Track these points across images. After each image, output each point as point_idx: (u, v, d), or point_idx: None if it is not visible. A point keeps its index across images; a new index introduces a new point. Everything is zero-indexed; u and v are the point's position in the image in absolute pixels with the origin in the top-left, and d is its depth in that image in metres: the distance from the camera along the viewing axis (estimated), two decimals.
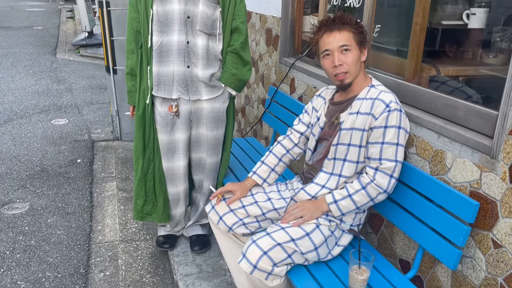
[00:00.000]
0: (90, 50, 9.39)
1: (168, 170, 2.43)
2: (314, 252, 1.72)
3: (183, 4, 2.13)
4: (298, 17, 3.01)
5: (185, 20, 2.15)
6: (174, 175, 2.43)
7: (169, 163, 2.41)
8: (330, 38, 1.75)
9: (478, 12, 1.94)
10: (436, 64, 1.98)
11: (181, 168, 2.43)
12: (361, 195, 1.73)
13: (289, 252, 1.68)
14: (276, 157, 2.06)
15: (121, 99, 4.29)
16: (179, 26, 2.16)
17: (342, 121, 1.80)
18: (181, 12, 2.14)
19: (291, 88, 2.99)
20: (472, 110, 1.61)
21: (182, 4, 2.13)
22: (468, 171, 1.58)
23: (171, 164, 2.41)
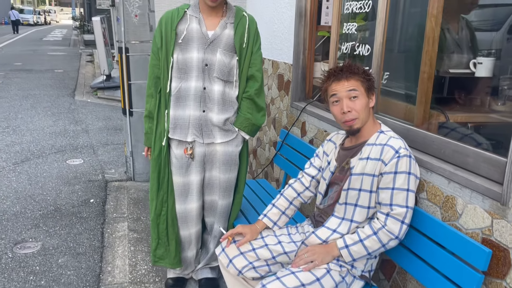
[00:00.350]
0: (107, 92, 9.68)
1: (181, 213, 2.45)
2: None
3: (202, 52, 2.23)
4: (309, 63, 3.11)
5: (203, 67, 2.24)
6: (187, 217, 2.45)
7: (182, 205, 2.43)
8: (338, 86, 1.81)
9: (484, 61, 2.00)
10: (445, 111, 2.02)
11: (194, 210, 2.45)
12: (373, 241, 1.72)
13: None
14: (287, 200, 2.07)
15: (136, 140, 4.38)
16: (197, 73, 2.25)
17: (352, 166, 1.83)
18: (199, 60, 2.24)
19: (302, 131, 3.04)
20: (481, 157, 1.62)
21: (201, 52, 2.23)
22: (480, 217, 1.58)
23: (185, 207, 2.43)
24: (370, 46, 2.37)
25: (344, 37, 2.64)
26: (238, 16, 2.28)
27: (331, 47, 2.76)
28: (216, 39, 2.24)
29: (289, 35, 3.16)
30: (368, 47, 2.40)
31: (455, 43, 2.15)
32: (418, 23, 2.12)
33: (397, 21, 2.36)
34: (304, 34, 3.05)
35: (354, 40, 2.56)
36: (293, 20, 3.08)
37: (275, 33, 3.41)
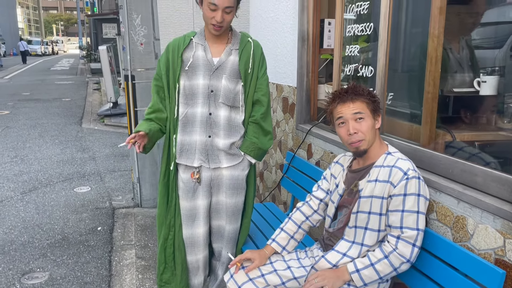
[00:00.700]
0: (114, 119, 9.77)
1: (188, 238, 2.44)
2: None
3: (208, 79, 2.26)
4: (313, 86, 3.12)
5: (209, 93, 2.26)
6: (194, 242, 2.44)
7: (189, 230, 2.42)
8: (343, 108, 1.81)
9: (488, 80, 2.00)
10: (451, 130, 2.01)
11: (201, 235, 2.43)
12: (384, 265, 1.69)
13: None
14: (295, 224, 2.05)
15: (143, 166, 4.39)
16: (203, 99, 2.27)
17: (361, 189, 1.81)
18: (205, 86, 2.26)
19: (308, 154, 3.03)
20: (490, 176, 1.61)
21: (207, 79, 2.26)
22: (491, 237, 1.55)
23: (192, 231, 2.42)
24: (373, 68, 2.39)
25: (347, 59, 2.66)
26: (243, 42, 2.30)
27: (334, 69, 2.78)
28: (221, 66, 2.26)
29: (292, 58, 3.19)
30: (371, 68, 2.41)
31: (458, 62, 2.16)
32: (420, 43, 2.14)
33: (399, 42, 2.38)
34: (307, 57, 3.08)
35: (357, 62, 2.58)
36: (295, 44, 3.11)
37: (279, 57, 3.45)
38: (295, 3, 3.09)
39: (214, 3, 2.09)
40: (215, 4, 2.09)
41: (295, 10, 3.11)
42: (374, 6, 2.35)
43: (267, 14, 3.65)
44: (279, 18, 3.41)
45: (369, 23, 2.40)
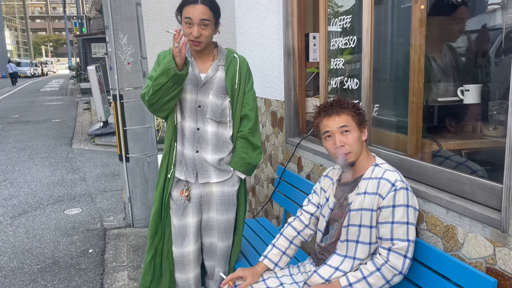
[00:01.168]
0: (104, 138, 9.72)
1: (178, 256, 2.41)
2: None
3: (195, 94, 2.26)
4: (300, 99, 3.14)
5: (196, 108, 2.27)
6: (184, 261, 2.41)
7: (179, 249, 2.39)
8: (329, 122, 1.81)
9: (472, 88, 2.02)
10: (437, 139, 2.02)
11: (192, 253, 2.40)
12: (376, 277, 1.68)
13: None
14: (287, 240, 2.04)
15: (134, 186, 4.36)
16: (190, 114, 2.27)
17: (350, 202, 1.81)
18: (192, 101, 2.26)
19: (299, 167, 3.03)
20: (477, 184, 1.61)
21: (194, 94, 2.26)
22: (482, 246, 1.55)
23: (182, 250, 2.39)
24: (358, 80, 2.40)
25: (333, 72, 2.68)
26: (229, 58, 2.31)
27: (321, 82, 2.80)
28: (208, 81, 2.26)
29: (279, 73, 3.21)
30: (356, 80, 2.43)
31: (442, 72, 2.19)
32: (403, 54, 2.16)
33: (382, 54, 2.40)
34: (293, 71, 3.10)
35: (342, 74, 2.60)
36: (282, 58, 3.13)
37: (266, 71, 3.46)
38: (279, 19, 3.12)
39: (188, 16, 2.11)
40: (189, 18, 2.11)
41: (279, 25, 3.13)
42: (357, 19, 2.38)
43: (253, 30, 3.68)
44: (264, 33, 3.44)
45: (353, 36, 2.43)
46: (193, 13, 2.10)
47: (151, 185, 4.40)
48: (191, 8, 2.11)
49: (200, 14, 2.10)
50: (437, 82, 2.17)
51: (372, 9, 2.16)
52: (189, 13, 2.11)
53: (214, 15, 2.16)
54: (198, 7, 2.10)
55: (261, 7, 3.45)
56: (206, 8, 2.12)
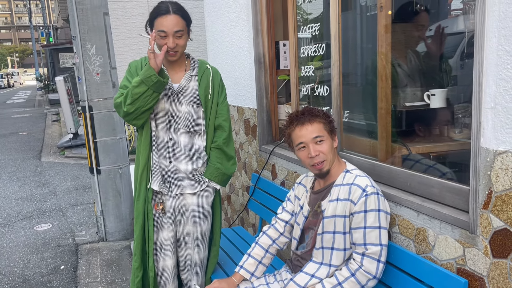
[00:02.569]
0: (75, 151, 9.51)
1: (157, 270, 2.37)
2: None
3: (168, 104, 2.23)
4: (272, 107, 3.15)
5: (169, 118, 2.24)
6: (164, 275, 2.37)
7: (157, 263, 2.36)
8: (302, 131, 1.81)
9: (437, 93, 2.07)
10: (406, 143, 2.06)
11: (170, 267, 2.37)
12: (351, 283, 1.69)
13: None
14: (262, 249, 2.03)
15: (106, 199, 4.26)
16: (163, 124, 2.24)
17: (323, 209, 1.82)
18: (165, 111, 2.23)
19: (273, 174, 3.03)
20: (445, 187, 1.65)
21: (167, 104, 2.23)
22: (452, 247, 1.58)
23: (160, 264, 2.36)
24: (329, 87, 2.43)
25: (304, 79, 2.71)
26: (201, 68, 2.30)
27: (292, 90, 2.82)
28: (181, 91, 2.24)
29: (251, 81, 3.22)
30: (326, 87, 2.46)
31: (408, 77, 2.24)
32: (371, 61, 2.20)
33: (351, 60, 2.44)
34: (265, 79, 3.11)
35: (313, 81, 2.62)
36: (253, 66, 3.14)
37: (238, 80, 3.47)
38: (249, 27, 3.14)
39: (162, 30, 2.09)
40: (164, 31, 2.09)
41: (249, 34, 3.15)
42: (325, 27, 2.41)
43: (223, 38, 3.68)
44: (235, 42, 3.45)
45: (321, 44, 2.46)
46: (166, 25, 2.08)
47: (124, 197, 4.33)
48: (164, 19, 2.08)
49: (173, 25, 2.08)
50: (404, 87, 2.22)
51: (339, 16, 2.19)
52: (162, 25, 2.08)
53: (187, 23, 2.16)
54: (170, 17, 2.08)
55: (230, 15, 3.46)
56: (178, 18, 2.10)
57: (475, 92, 1.40)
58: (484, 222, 1.43)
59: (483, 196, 1.43)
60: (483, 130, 1.40)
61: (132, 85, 2.08)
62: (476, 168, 1.44)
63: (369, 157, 2.15)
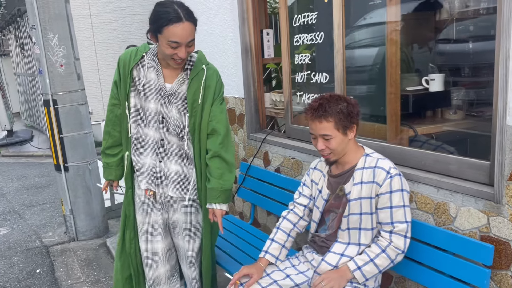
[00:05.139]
0: (12, 149, 8.89)
1: (146, 252, 2.35)
2: None
3: (159, 105, 2.12)
4: (259, 95, 3.19)
5: (160, 120, 2.15)
6: (153, 257, 2.33)
7: (147, 245, 2.34)
8: (312, 126, 1.87)
9: (436, 77, 2.24)
10: (412, 126, 2.21)
11: (160, 250, 2.33)
12: (383, 258, 1.80)
13: None
14: (284, 233, 2.08)
15: (75, 197, 4.07)
16: (154, 124, 2.16)
17: (347, 193, 1.90)
18: (157, 111, 2.14)
19: (265, 162, 3.08)
20: (465, 163, 1.81)
21: (158, 104, 2.13)
22: (475, 218, 1.74)
23: (149, 246, 2.33)
24: (328, 74, 2.52)
25: (299, 68, 2.77)
26: (196, 69, 2.10)
27: (284, 78, 2.87)
28: (173, 95, 2.11)
29: (236, 70, 3.22)
30: (325, 75, 2.54)
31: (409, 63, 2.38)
32: (378, 47, 2.31)
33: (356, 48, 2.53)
34: (252, 68, 3.13)
35: (308, 69, 2.69)
36: (238, 55, 3.15)
37: (221, 69, 3.42)
38: (233, 16, 3.13)
39: (175, 41, 1.90)
40: (177, 42, 1.90)
41: (234, 22, 3.14)
42: (323, 16, 2.48)
43: (201, 27, 3.61)
44: (215, 30, 3.42)
45: (319, 32, 2.53)
46: (180, 36, 1.89)
47: (94, 194, 4.16)
48: (177, 29, 1.87)
49: (187, 35, 1.91)
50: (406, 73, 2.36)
51: (343, 6, 2.27)
52: (175, 35, 1.89)
53: (196, 29, 1.99)
54: (184, 26, 1.88)
55: (209, 4, 3.42)
56: (191, 26, 1.93)
57: (501, 75, 1.55)
58: (510, 192, 1.60)
59: (508, 169, 1.60)
60: (509, 110, 1.56)
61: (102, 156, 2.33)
62: (502, 144, 1.60)
63: (376, 139, 2.27)
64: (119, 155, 2.34)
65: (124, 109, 2.18)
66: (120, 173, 2.39)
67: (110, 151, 2.34)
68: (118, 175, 2.40)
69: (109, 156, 2.35)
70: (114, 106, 2.25)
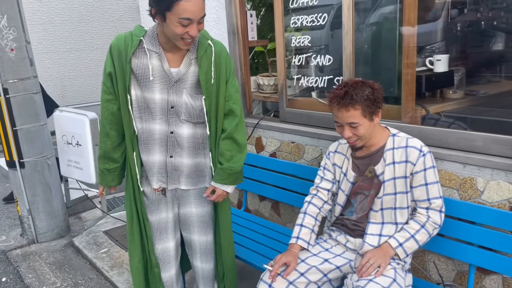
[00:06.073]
0: None
1: (160, 254, 2.21)
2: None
3: (166, 93, 1.96)
4: (246, 79, 3.10)
5: (169, 110, 1.98)
6: (168, 257, 2.22)
7: (160, 245, 2.20)
8: (339, 114, 1.84)
9: (442, 58, 2.32)
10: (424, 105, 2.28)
11: (172, 249, 2.22)
12: (422, 234, 1.85)
13: None
14: (312, 217, 2.06)
15: (33, 195, 3.69)
16: (161, 116, 1.99)
17: (379, 174, 1.91)
18: (163, 101, 1.97)
19: (258, 147, 3.02)
20: (490, 139, 1.91)
21: (165, 93, 1.96)
22: (505, 190, 1.85)
23: (163, 246, 2.20)
24: (332, 56, 2.51)
25: (298, 50, 2.72)
26: (202, 46, 1.96)
27: (279, 61, 2.81)
28: (181, 79, 1.96)
29: None
30: (328, 57, 2.53)
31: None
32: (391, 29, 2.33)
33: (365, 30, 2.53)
34: (239, 51, 3.03)
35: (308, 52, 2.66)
36: (225, 37, 3.02)
37: None
38: None
39: (187, 17, 1.75)
40: (189, 19, 1.76)
41: (218, 3, 3.00)
42: None
43: None
44: None
45: (322, 14, 2.50)
46: (193, 11, 1.74)
47: (55, 191, 3.81)
48: (188, 4, 1.73)
49: (200, 10, 1.77)
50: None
51: None
52: (187, 12, 1.74)
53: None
54: (196, 1, 1.74)
55: None
56: (202, 0, 1.78)
57: None
58: None
59: None
60: None
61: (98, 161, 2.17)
62: None
63: (388, 120, 2.31)
64: (123, 158, 2.15)
65: (125, 103, 1.99)
66: (122, 177, 2.22)
67: (114, 153, 2.11)
68: (120, 180, 2.22)
69: (111, 161, 2.13)
70: (108, 102, 2.04)
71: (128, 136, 2.05)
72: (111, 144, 2.09)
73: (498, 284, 1.96)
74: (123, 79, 1.95)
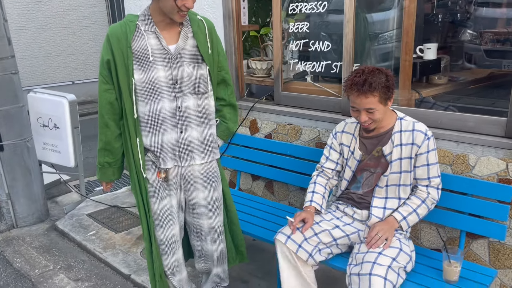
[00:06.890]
0: None
1: (165, 241, 2.27)
2: (410, 262, 1.99)
3: (169, 70, 2.05)
4: (239, 63, 3.19)
5: (173, 85, 2.07)
6: (172, 244, 2.27)
7: (165, 233, 2.25)
8: (357, 100, 1.97)
9: (432, 47, 2.54)
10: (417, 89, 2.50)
11: (177, 234, 2.30)
12: (423, 208, 2.07)
13: (397, 271, 1.90)
14: (321, 186, 2.24)
15: (13, 179, 3.59)
16: (168, 93, 2.07)
17: (387, 154, 2.09)
18: (168, 78, 2.05)
19: (252, 129, 3.13)
20: (482, 120, 2.15)
21: (168, 70, 2.04)
22: (494, 165, 2.10)
23: (167, 233, 2.26)
24: (330, 43, 2.65)
25: (295, 36, 2.84)
26: (194, 23, 2.11)
27: (275, 46, 2.91)
28: (181, 53, 2.06)
29: None
30: (327, 43, 2.67)
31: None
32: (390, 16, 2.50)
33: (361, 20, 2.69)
34: (233, 35, 3.10)
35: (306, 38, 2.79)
36: (220, 21, 3.08)
37: None
38: None
39: None
40: None
41: None
42: None
43: None
44: None
45: (322, 2, 2.63)
46: None
47: (34, 175, 3.71)
48: None
49: None
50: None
51: None
52: None
53: None
54: None
55: None
56: None
57: None
58: None
59: None
60: None
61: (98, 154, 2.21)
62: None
63: None
64: (121, 151, 2.20)
65: (125, 89, 2.04)
66: (122, 171, 2.28)
67: (115, 143, 2.16)
68: (120, 174, 2.27)
69: (112, 154, 2.18)
70: (106, 91, 2.08)
71: (131, 122, 2.08)
72: (111, 134, 2.13)
73: (484, 247, 2.23)
74: (124, 64, 2.00)
